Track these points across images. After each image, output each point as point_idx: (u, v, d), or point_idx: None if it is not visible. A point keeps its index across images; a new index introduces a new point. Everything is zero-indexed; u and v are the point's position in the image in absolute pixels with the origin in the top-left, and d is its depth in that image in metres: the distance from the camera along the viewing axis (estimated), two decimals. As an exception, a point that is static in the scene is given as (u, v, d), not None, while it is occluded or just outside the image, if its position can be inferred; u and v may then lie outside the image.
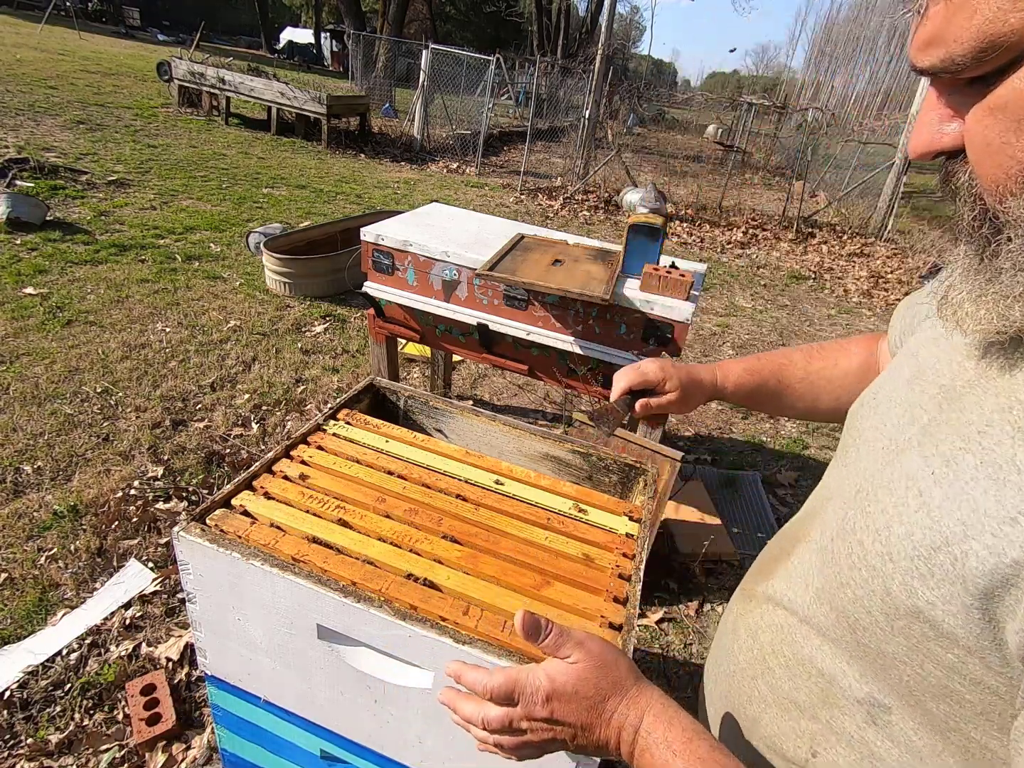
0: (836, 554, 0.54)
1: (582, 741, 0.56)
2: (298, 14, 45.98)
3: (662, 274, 1.81)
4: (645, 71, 38.95)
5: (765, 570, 0.68)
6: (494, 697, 0.56)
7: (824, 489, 0.66)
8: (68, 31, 19.38)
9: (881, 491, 0.50)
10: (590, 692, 0.55)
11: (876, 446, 0.57)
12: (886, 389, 0.61)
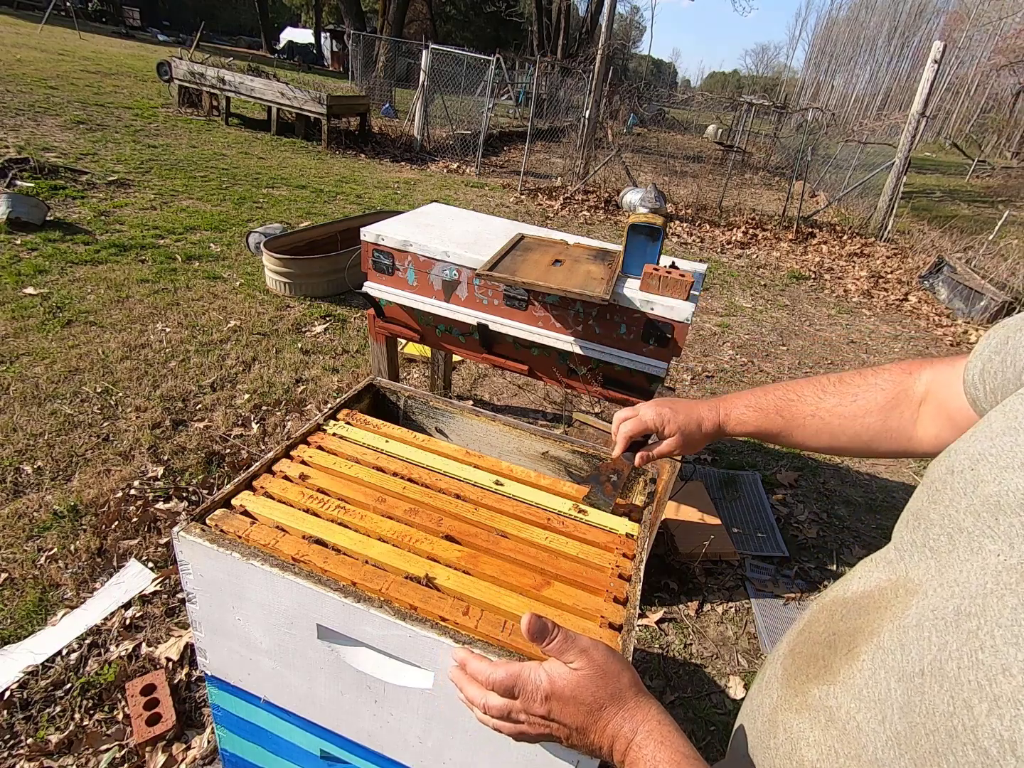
0: (929, 701, 0.42)
1: (575, 742, 0.57)
2: (298, 14, 45.98)
3: (662, 274, 1.81)
4: (645, 71, 38.96)
5: (818, 662, 0.56)
6: (495, 689, 0.57)
7: (901, 573, 0.52)
8: (68, 31, 19.38)
9: (1000, 637, 0.39)
10: (587, 699, 0.56)
11: (985, 545, 0.44)
12: (993, 463, 0.47)
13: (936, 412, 0.70)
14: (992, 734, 0.36)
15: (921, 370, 0.74)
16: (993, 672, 0.38)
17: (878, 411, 0.75)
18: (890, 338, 5.23)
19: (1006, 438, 0.46)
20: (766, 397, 0.85)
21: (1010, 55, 20.54)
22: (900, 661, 0.46)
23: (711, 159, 13.28)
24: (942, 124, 25.87)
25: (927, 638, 0.44)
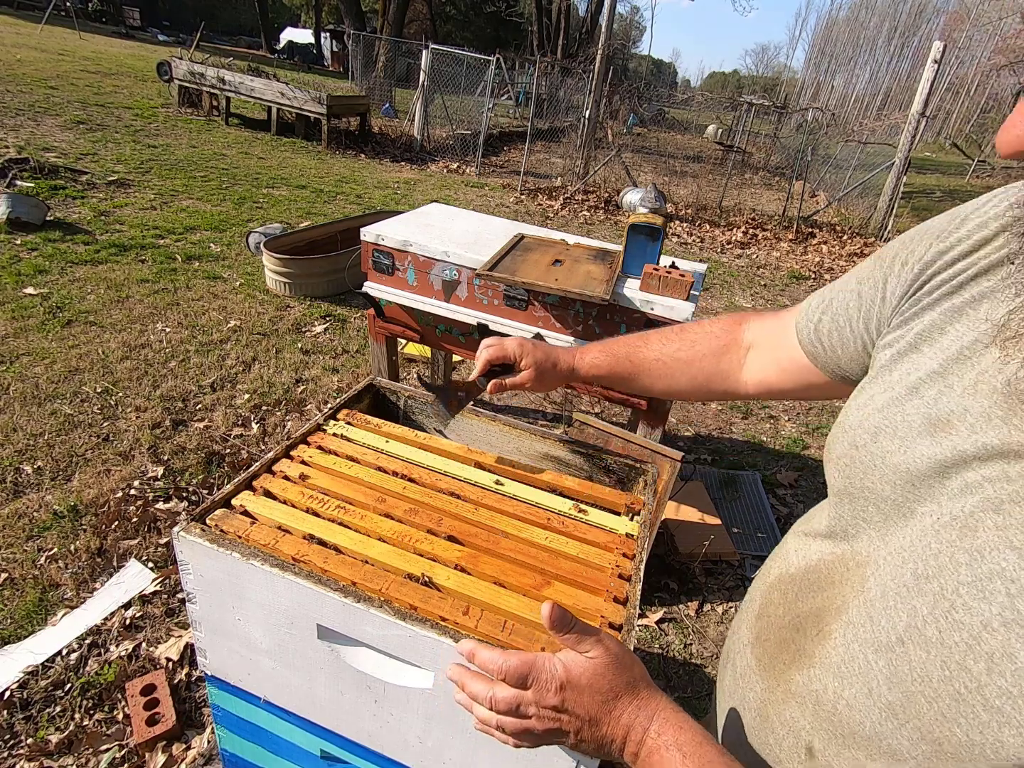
0: (919, 669, 0.44)
1: (586, 735, 0.55)
2: (298, 14, 45.98)
3: (662, 274, 1.81)
4: (645, 71, 38.97)
5: (790, 647, 0.59)
6: (508, 678, 0.55)
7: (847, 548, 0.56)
8: (68, 31, 19.38)
9: (968, 594, 0.41)
10: (604, 688, 0.55)
11: (916, 510, 0.48)
12: (892, 434, 0.51)
13: (763, 359, 0.80)
14: (1001, 692, 0.38)
15: (749, 321, 0.84)
16: (975, 630, 0.40)
17: (712, 355, 0.84)
18: (890, 338, 5.22)
19: (893, 409, 0.51)
20: (617, 344, 0.92)
21: (1010, 55, 20.52)
22: (872, 633, 0.48)
23: (711, 159, 13.28)
24: (942, 124, 25.86)
25: (893, 607, 0.46)
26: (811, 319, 0.70)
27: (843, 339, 0.65)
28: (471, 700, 0.59)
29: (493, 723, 0.57)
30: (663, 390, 0.90)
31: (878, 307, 0.60)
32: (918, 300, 0.55)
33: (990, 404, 0.45)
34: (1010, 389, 0.44)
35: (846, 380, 0.67)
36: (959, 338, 0.50)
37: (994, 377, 0.46)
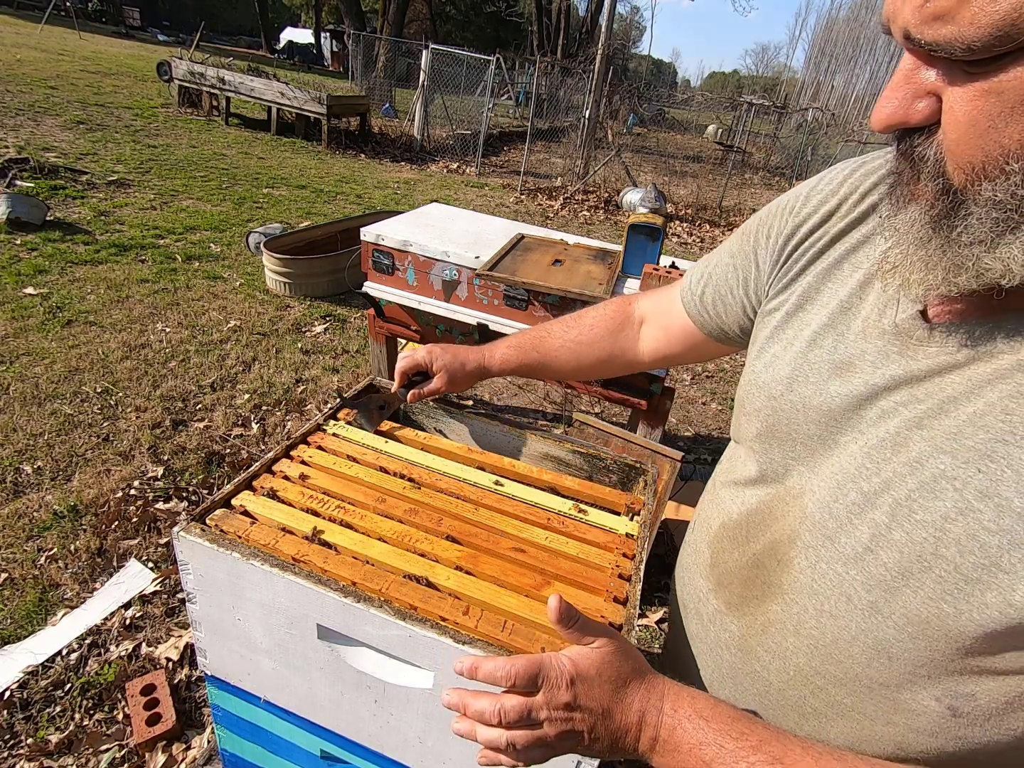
0: (894, 568, 0.50)
1: (600, 731, 0.54)
2: (298, 14, 45.99)
3: (662, 274, 1.81)
4: (645, 71, 38.97)
5: (755, 583, 0.63)
6: (518, 682, 0.54)
7: (779, 487, 0.62)
8: (68, 31, 19.38)
9: (921, 496, 0.48)
10: (612, 675, 0.55)
11: (839, 440, 0.55)
12: (805, 381, 0.59)
13: (655, 330, 0.90)
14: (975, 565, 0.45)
15: (638, 299, 0.94)
16: (939, 523, 0.47)
17: (609, 335, 0.93)
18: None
19: (799, 360, 0.60)
20: (524, 337, 1.00)
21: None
22: (835, 550, 0.54)
23: (711, 159, 13.28)
24: (942, 124, 25.73)
25: (850, 523, 0.53)
26: (695, 292, 0.80)
27: (726, 306, 0.76)
28: (473, 723, 0.56)
29: (503, 742, 0.54)
30: (572, 372, 0.97)
31: (754, 275, 0.71)
32: (789, 268, 0.65)
33: (884, 344, 0.54)
34: (898, 329, 0.53)
35: (725, 339, 0.79)
36: (834, 294, 0.60)
37: (879, 322, 0.55)
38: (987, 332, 0.48)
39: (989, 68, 0.38)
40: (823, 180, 0.65)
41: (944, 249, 0.44)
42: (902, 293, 0.51)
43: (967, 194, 0.42)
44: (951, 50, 0.38)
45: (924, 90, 0.42)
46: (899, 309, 0.54)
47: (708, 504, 0.76)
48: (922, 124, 0.43)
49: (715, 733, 0.51)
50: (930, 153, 0.43)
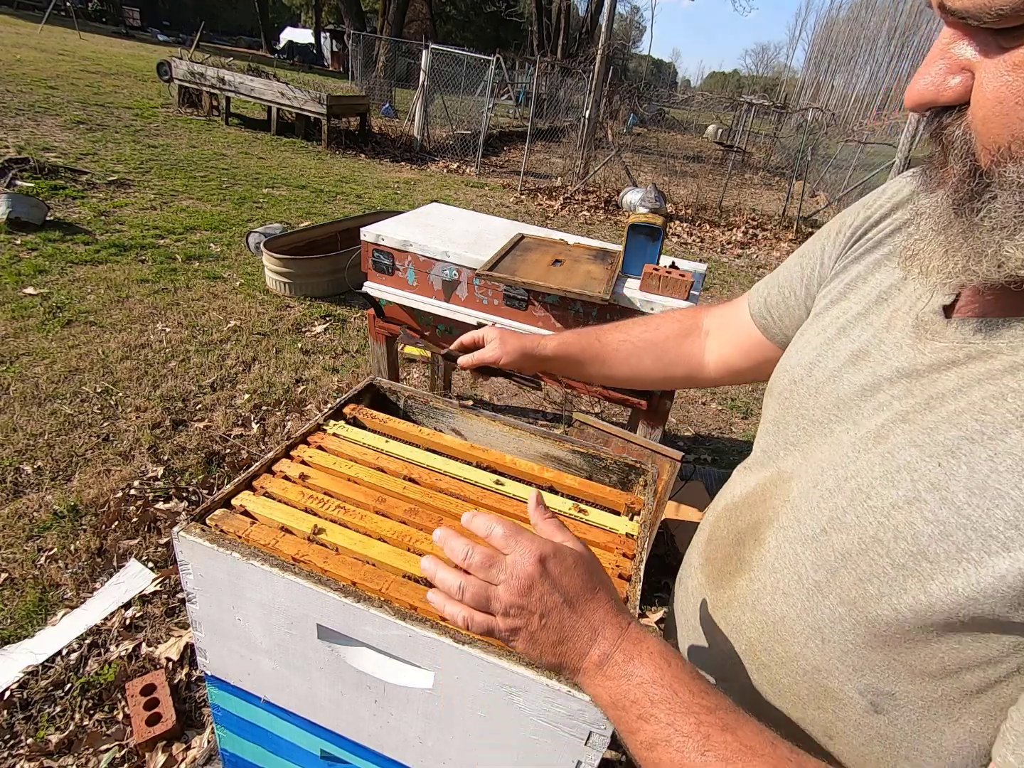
0: (840, 549, 0.51)
1: (552, 622, 0.50)
2: (298, 14, 45.99)
3: (662, 274, 1.81)
4: (645, 71, 38.97)
5: (732, 560, 0.65)
6: (493, 534, 0.52)
7: (773, 470, 0.63)
8: (68, 31, 19.38)
9: (880, 484, 0.49)
10: (585, 575, 0.52)
11: (835, 429, 0.56)
12: (824, 368, 0.59)
13: (721, 340, 0.87)
14: (904, 552, 0.46)
15: (708, 311, 0.92)
16: (886, 510, 0.48)
17: (675, 337, 0.91)
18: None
19: (825, 348, 0.60)
20: (587, 329, 0.99)
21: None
22: (799, 530, 0.56)
23: (711, 159, 13.27)
24: (942, 124, 25.72)
25: (816, 506, 0.54)
26: (760, 296, 0.79)
27: (788, 307, 0.74)
28: (438, 563, 0.54)
29: (456, 585, 0.51)
30: (628, 374, 0.94)
31: (818, 272, 0.70)
32: (848, 256, 0.65)
33: (902, 336, 0.54)
34: (918, 322, 0.53)
35: None
36: (878, 284, 0.59)
37: (907, 313, 0.54)
38: (995, 331, 0.47)
39: (1018, 40, 0.36)
40: (904, 176, 0.63)
41: (965, 235, 0.43)
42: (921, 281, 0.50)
43: (992, 176, 0.40)
44: (980, 16, 0.36)
45: (958, 65, 0.40)
46: (930, 302, 0.53)
47: (724, 488, 0.77)
48: (953, 102, 0.41)
49: (672, 678, 0.48)
50: (958, 133, 0.41)
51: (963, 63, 0.40)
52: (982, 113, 0.39)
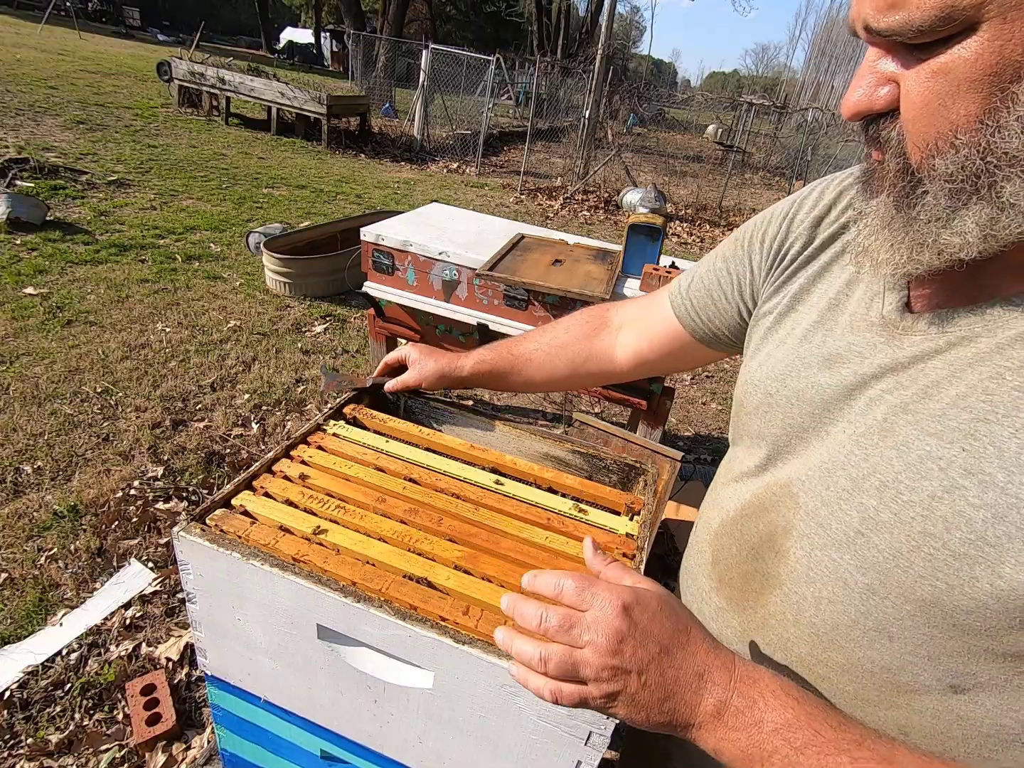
0: (886, 549, 0.50)
1: (653, 676, 0.45)
2: (298, 14, 46.00)
3: (662, 274, 1.81)
4: (645, 71, 38.96)
5: (751, 576, 0.62)
6: (565, 591, 0.47)
7: (771, 479, 0.62)
8: (68, 31, 19.37)
9: (907, 478, 0.48)
10: (672, 615, 0.48)
11: (830, 431, 0.56)
12: (798, 376, 0.60)
13: (635, 334, 0.88)
14: (963, 540, 0.45)
15: (617, 306, 0.94)
16: (926, 502, 0.47)
17: (585, 338, 0.92)
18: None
19: (791, 356, 0.61)
20: (501, 342, 1.01)
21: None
22: (827, 536, 0.54)
23: (711, 159, 13.27)
24: (942, 124, 25.75)
25: (840, 509, 0.53)
26: (683, 293, 0.81)
27: (719, 309, 0.76)
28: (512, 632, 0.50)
29: (535, 657, 0.46)
30: (545, 379, 0.96)
31: (748, 278, 0.72)
32: (782, 272, 0.67)
33: (872, 336, 0.55)
34: (884, 321, 0.55)
35: (714, 343, 0.79)
36: (825, 293, 0.62)
37: (866, 315, 0.56)
38: (966, 317, 0.49)
39: (937, 50, 0.41)
40: (816, 187, 0.68)
41: (906, 228, 0.46)
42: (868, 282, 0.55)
43: (923, 171, 0.44)
44: (903, 33, 0.41)
45: (885, 78, 0.45)
46: (885, 302, 0.56)
47: (709, 506, 0.75)
48: (884, 109, 0.46)
49: (808, 716, 0.45)
50: (893, 134, 0.46)
51: (889, 75, 0.45)
52: (911, 114, 0.44)
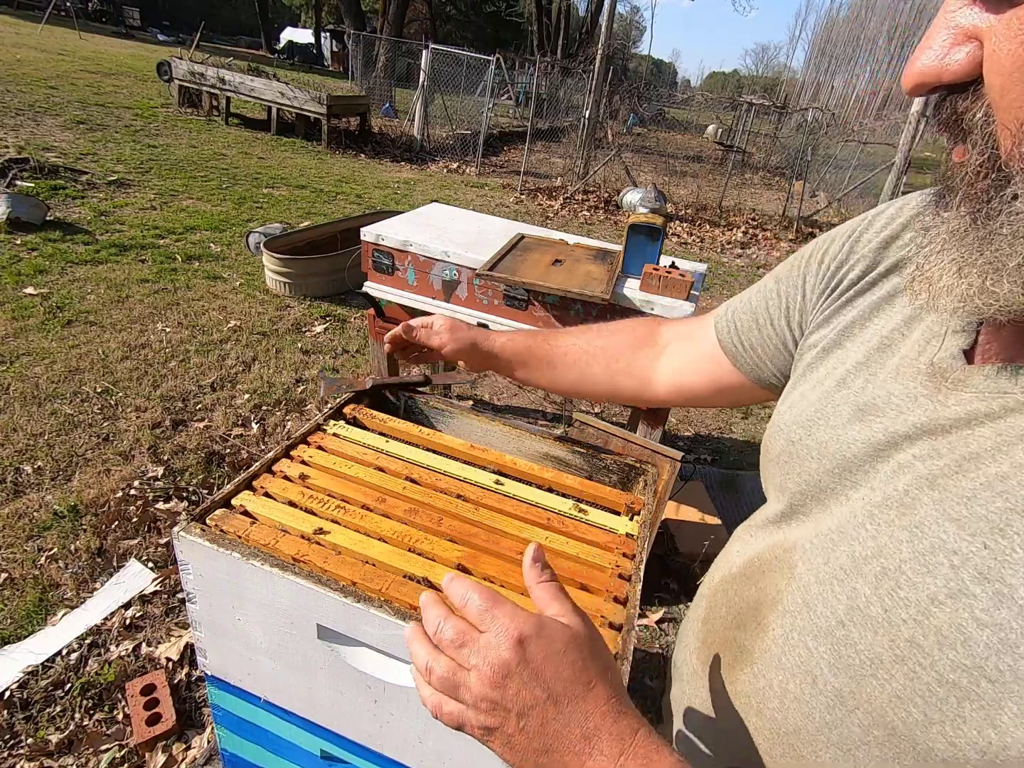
0: (866, 651, 0.41)
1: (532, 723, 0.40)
2: (298, 14, 46.00)
3: (662, 274, 1.81)
4: (645, 71, 38.96)
5: (729, 644, 0.56)
6: (468, 605, 0.43)
7: (779, 538, 0.54)
8: (68, 31, 19.37)
9: (911, 569, 0.39)
10: (578, 663, 0.41)
11: (850, 495, 0.47)
12: (825, 425, 0.51)
13: (678, 358, 0.79)
14: (955, 665, 0.35)
15: (667, 323, 0.85)
16: (923, 605, 0.37)
17: (629, 347, 0.83)
18: (890, 338, 5.23)
19: (824, 402, 0.52)
20: (537, 330, 0.95)
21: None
22: (810, 620, 0.46)
23: (711, 159, 13.28)
24: (942, 124, 25.79)
25: (830, 590, 0.44)
26: (729, 318, 0.70)
27: (763, 337, 0.66)
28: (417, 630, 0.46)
29: (425, 661, 0.43)
30: (575, 380, 0.87)
31: (799, 304, 0.62)
32: (837, 298, 0.57)
33: (915, 385, 0.45)
34: (933, 369, 0.44)
35: (761, 381, 0.68)
36: (879, 330, 0.51)
37: (916, 360, 0.46)
38: None
39: None
40: (894, 203, 0.57)
41: (983, 246, 0.34)
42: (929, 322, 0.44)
43: (1012, 164, 0.33)
44: None
45: (964, 34, 0.34)
46: (942, 346, 0.45)
47: (722, 553, 0.68)
48: (960, 79, 0.34)
49: None
50: (979, 116, 0.34)
51: (970, 31, 0.33)
52: (999, 82, 0.32)
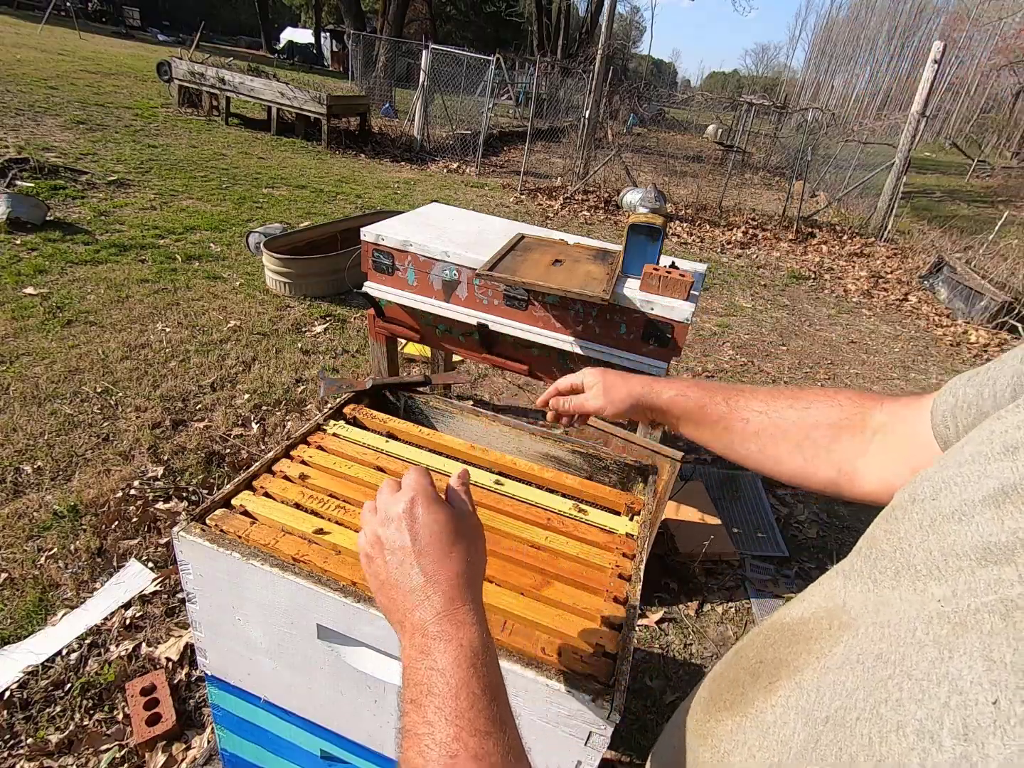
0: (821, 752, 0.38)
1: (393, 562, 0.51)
2: (298, 14, 45.98)
3: (662, 274, 1.81)
4: (645, 71, 38.96)
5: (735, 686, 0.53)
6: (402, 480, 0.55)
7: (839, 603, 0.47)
8: (68, 31, 19.37)
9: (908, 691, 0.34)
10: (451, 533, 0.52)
11: (928, 590, 0.38)
12: (955, 496, 0.39)
13: (890, 447, 0.62)
14: None
15: (884, 401, 0.66)
16: (886, 729, 0.34)
17: (828, 427, 0.67)
18: (890, 338, 5.23)
19: (974, 465, 0.39)
20: (716, 384, 0.81)
21: (1010, 55, 20.55)
22: (812, 704, 0.42)
23: (711, 159, 13.28)
24: (942, 124, 25.85)
25: (843, 683, 0.40)
26: (953, 393, 0.54)
27: (983, 414, 0.49)
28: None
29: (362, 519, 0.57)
30: (753, 453, 0.73)
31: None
32: None
33: None
34: None
35: None
36: None
37: None
38: None
39: None
40: None
41: None
42: None
43: None
44: None
45: None
46: None
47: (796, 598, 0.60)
48: None
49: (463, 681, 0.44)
50: None
51: None
52: None
